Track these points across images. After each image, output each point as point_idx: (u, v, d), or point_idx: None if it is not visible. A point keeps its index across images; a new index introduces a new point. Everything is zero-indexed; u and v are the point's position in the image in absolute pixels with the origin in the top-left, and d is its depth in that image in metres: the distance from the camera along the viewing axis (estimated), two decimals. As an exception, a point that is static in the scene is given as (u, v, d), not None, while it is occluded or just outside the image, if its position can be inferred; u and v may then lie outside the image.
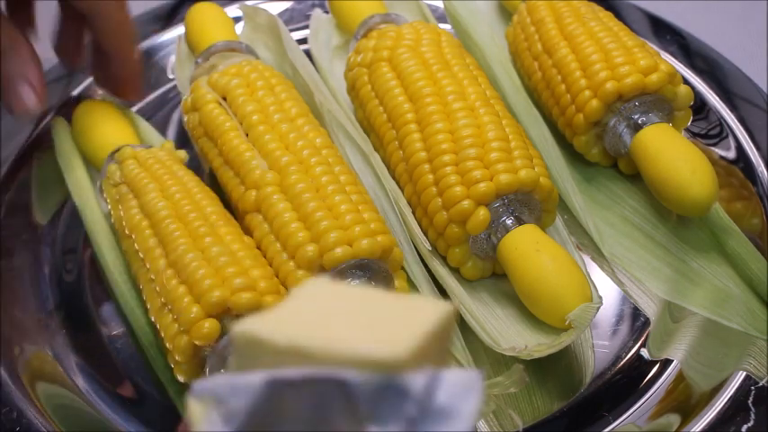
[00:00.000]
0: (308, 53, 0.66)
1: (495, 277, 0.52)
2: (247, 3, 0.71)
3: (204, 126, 0.56)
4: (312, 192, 0.50)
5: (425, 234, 0.52)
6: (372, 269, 0.48)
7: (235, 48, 0.61)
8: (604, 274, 0.53)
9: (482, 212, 0.49)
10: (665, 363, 0.49)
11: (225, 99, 0.56)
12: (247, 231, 0.52)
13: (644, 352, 0.49)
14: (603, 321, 0.50)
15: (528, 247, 0.48)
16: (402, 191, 0.54)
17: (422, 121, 0.53)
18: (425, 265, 0.52)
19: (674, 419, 0.46)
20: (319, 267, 0.47)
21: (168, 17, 0.72)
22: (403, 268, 0.51)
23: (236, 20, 0.67)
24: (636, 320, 0.51)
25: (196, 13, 0.65)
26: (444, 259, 0.52)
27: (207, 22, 0.64)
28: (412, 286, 0.52)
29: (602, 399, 0.47)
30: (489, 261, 0.51)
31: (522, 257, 0.48)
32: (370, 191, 0.54)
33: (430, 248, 0.52)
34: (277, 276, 0.49)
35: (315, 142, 0.53)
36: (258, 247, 0.50)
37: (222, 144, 0.54)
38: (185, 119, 0.58)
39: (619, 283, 0.52)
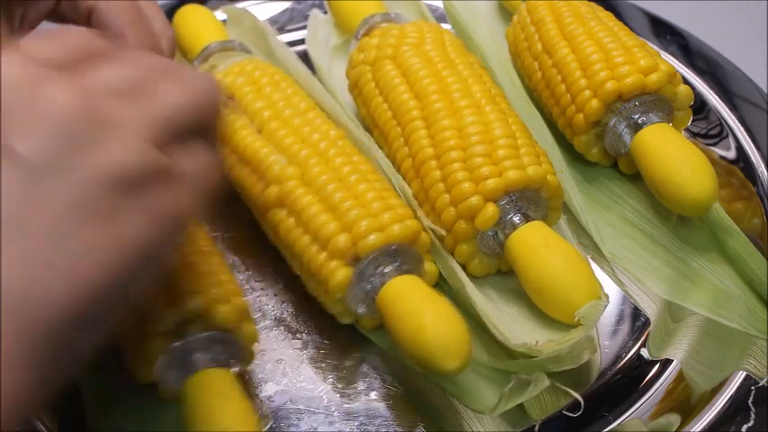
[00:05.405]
0: (306, 53, 0.66)
1: (500, 274, 0.52)
2: (248, 2, 0.71)
3: None
4: (335, 182, 0.50)
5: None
6: (404, 254, 0.49)
7: (229, 47, 0.62)
8: (604, 274, 0.53)
9: (491, 208, 0.49)
10: (665, 363, 0.49)
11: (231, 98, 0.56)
12: (270, 227, 0.52)
13: (644, 352, 0.49)
14: (604, 321, 0.50)
15: (537, 243, 0.48)
16: (408, 187, 0.54)
17: (428, 118, 0.53)
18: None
19: (674, 419, 0.46)
20: (353, 256, 0.48)
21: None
22: (429, 252, 0.51)
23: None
24: (636, 320, 0.51)
25: (184, 16, 0.65)
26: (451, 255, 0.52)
27: (197, 24, 0.64)
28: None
29: (602, 399, 0.47)
30: (495, 258, 0.51)
31: (531, 253, 0.48)
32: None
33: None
34: (310, 269, 0.49)
35: (329, 134, 0.53)
36: (285, 243, 0.51)
37: (235, 143, 0.54)
38: None
39: (619, 283, 0.52)
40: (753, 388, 0.46)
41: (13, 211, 0.32)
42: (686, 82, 0.57)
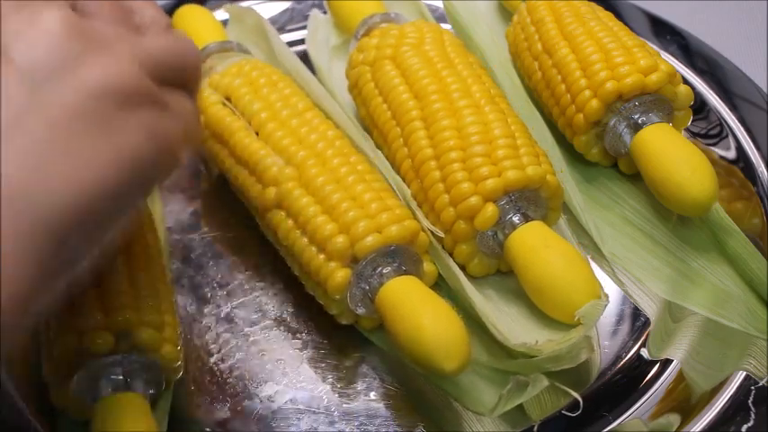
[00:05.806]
0: (306, 53, 0.66)
1: (500, 274, 0.52)
2: (248, 2, 0.71)
3: (211, 128, 0.56)
4: (333, 183, 0.50)
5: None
6: (402, 254, 0.49)
7: (228, 48, 0.61)
8: (604, 274, 0.53)
9: (490, 208, 0.49)
10: (665, 363, 0.49)
11: (229, 99, 0.56)
12: (269, 228, 0.52)
13: (644, 352, 0.49)
14: (603, 321, 0.50)
15: (537, 242, 0.48)
16: (408, 188, 0.54)
17: (427, 119, 0.53)
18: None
19: (674, 419, 0.46)
20: (351, 257, 0.48)
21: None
22: (427, 252, 0.51)
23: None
24: (636, 320, 0.51)
25: (183, 16, 0.65)
26: (450, 256, 0.52)
27: (195, 24, 0.64)
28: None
29: (601, 399, 0.47)
30: (495, 258, 0.51)
31: (531, 253, 0.48)
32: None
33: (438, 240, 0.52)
34: (309, 270, 0.49)
35: (327, 134, 0.53)
36: (284, 244, 0.51)
37: (233, 144, 0.54)
38: None
39: (619, 283, 0.52)
40: (753, 388, 0.46)
41: (13, 113, 0.33)
42: (686, 82, 0.57)
